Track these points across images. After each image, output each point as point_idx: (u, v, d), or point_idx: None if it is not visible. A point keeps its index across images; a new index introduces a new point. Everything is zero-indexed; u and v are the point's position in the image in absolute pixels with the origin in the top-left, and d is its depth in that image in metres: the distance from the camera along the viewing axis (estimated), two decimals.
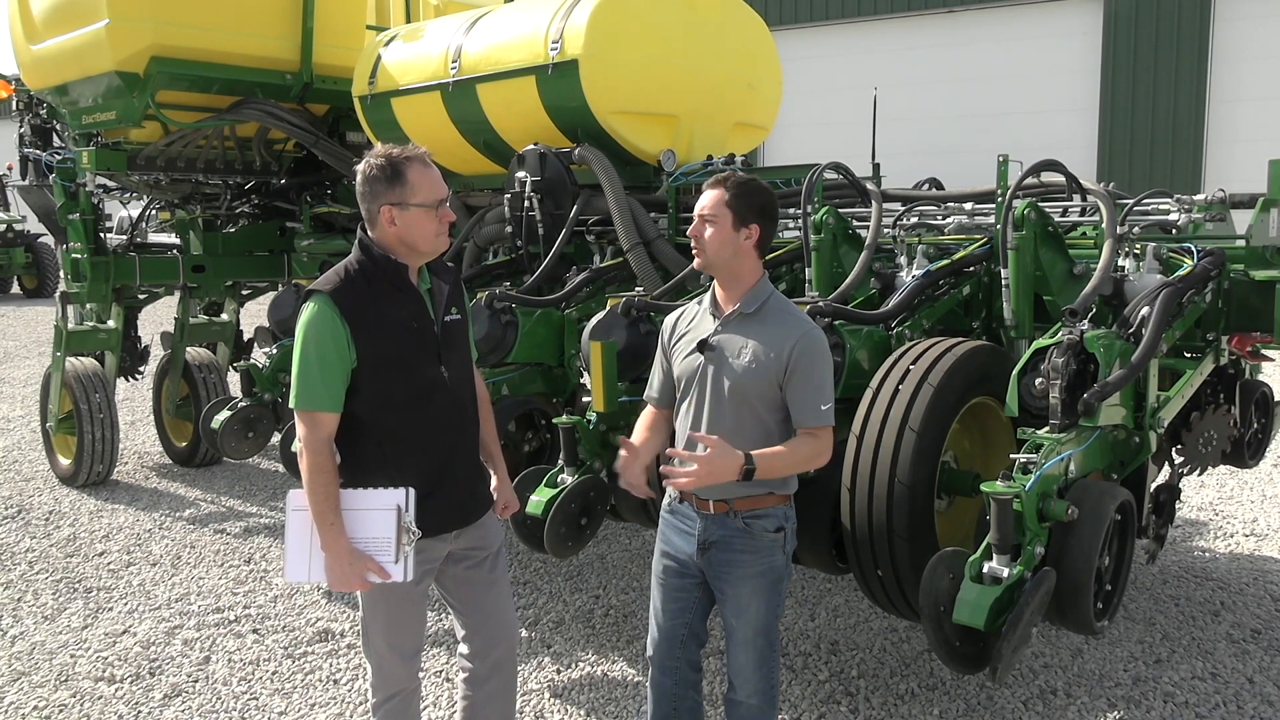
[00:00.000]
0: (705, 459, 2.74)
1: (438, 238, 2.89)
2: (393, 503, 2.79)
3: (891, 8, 18.56)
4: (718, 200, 2.89)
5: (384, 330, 2.84)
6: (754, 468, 2.77)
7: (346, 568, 2.78)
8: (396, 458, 2.87)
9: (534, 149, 5.19)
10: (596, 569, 5.51)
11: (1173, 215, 4.27)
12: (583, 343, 4.32)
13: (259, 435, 5.93)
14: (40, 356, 13.40)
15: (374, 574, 2.80)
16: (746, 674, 3.00)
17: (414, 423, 2.89)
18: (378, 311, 2.84)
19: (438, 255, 2.96)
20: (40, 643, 4.75)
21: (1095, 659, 4.39)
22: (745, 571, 2.95)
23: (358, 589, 2.85)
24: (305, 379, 2.78)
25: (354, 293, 2.83)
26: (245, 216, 8.02)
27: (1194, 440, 4.14)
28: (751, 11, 6.01)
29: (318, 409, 2.78)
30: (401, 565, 2.81)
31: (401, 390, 2.87)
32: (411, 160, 2.83)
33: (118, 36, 6.17)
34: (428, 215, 2.84)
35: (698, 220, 2.93)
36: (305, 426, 2.79)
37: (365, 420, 2.86)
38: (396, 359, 2.85)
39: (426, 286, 2.97)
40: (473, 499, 3.08)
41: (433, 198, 2.85)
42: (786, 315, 2.94)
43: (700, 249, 2.93)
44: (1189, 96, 16.32)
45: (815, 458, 2.90)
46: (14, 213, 21.73)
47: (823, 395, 2.85)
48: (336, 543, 2.78)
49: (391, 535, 2.79)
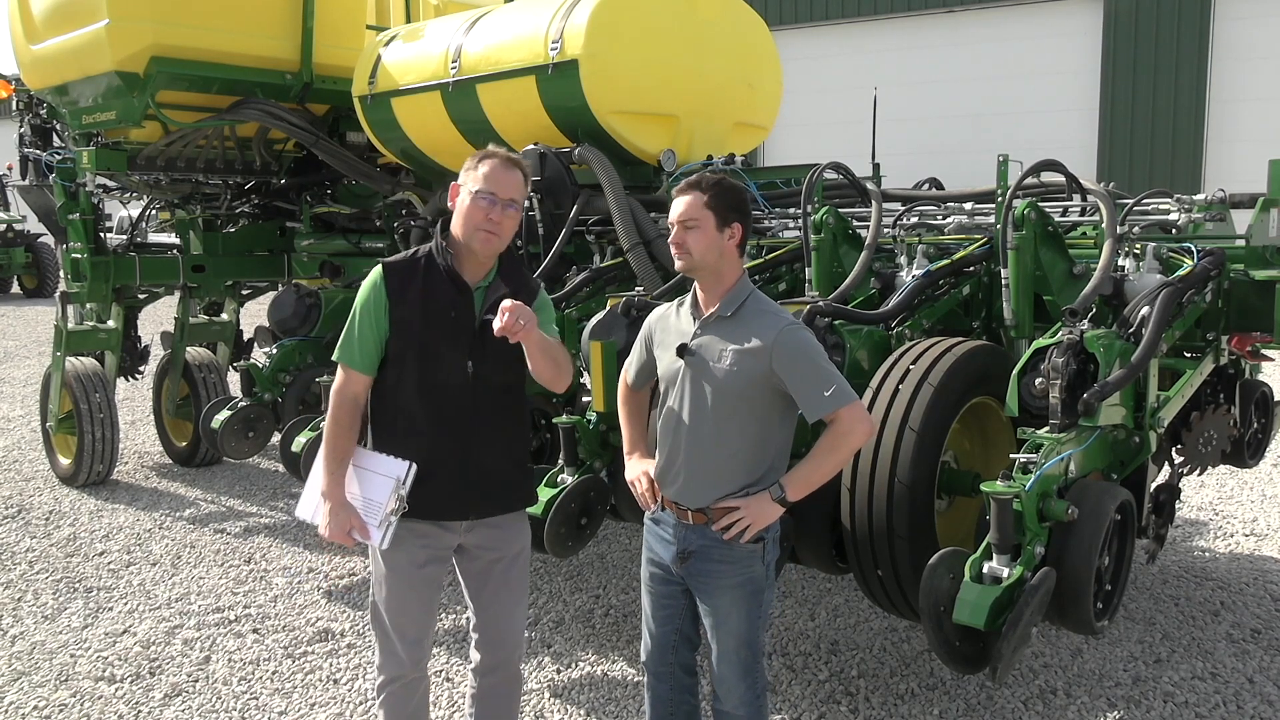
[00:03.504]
0: (746, 510, 2.83)
1: (479, 231, 2.93)
2: (394, 473, 2.95)
3: (891, 8, 18.55)
4: (696, 204, 2.84)
5: (419, 312, 2.96)
6: (784, 494, 2.84)
7: (335, 517, 2.99)
8: (406, 434, 2.99)
9: (534, 149, 5.19)
10: (596, 569, 5.51)
11: (1173, 215, 4.28)
12: (583, 343, 4.32)
13: (259, 435, 5.94)
14: (40, 356, 13.40)
15: (357, 532, 2.99)
16: (730, 685, 2.97)
17: (426, 407, 2.98)
18: (422, 294, 2.97)
19: (486, 254, 3.00)
20: (40, 642, 4.75)
21: (1095, 659, 4.39)
22: (724, 582, 2.92)
23: (342, 541, 3.01)
24: (347, 334, 3.02)
25: (407, 271, 3.01)
26: (245, 216, 8.02)
27: (1194, 440, 4.14)
28: (751, 11, 6.01)
29: (347, 364, 3.01)
30: (382, 532, 2.96)
31: (420, 373, 2.98)
32: (494, 156, 2.98)
33: (118, 36, 6.17)
34: (477, 205, 2.92)
35: (678, 228, 2.86)
36: (338, 377, 3.04)
37: (388, 391, 3.02)
38: (423, 342, 2.97)
39: (485, 284, 3.04)
40: (482, 496, 3.06)
41: (488, 189, 2.91)
42: (763, 315, 2.89)
43: (684, 254, 2.87)
44: (1189, 96, 16.31)
45: (841, 446, 2.84)
46: (14, 213, 21.72)
47: (823, 383, 2.79)
48: (333, 491, 3.00)
49: (384, 501, 2.95)
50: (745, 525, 2.83)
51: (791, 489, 2.84)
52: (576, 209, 5.13)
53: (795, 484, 2.85)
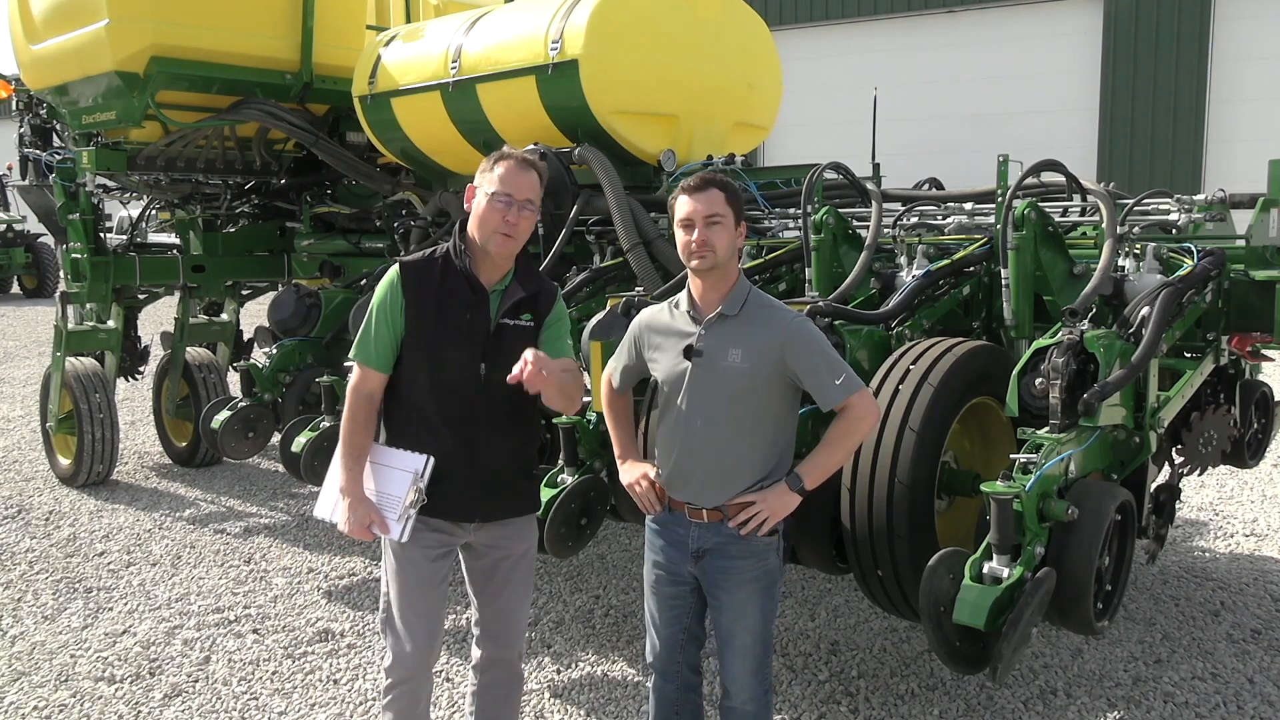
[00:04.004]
0: (763, 504, 2.85)
1: (496, 234, 2.92)
2: (412, 466, 2.97)
3: (891, 8, 18.55)
4: (718, 200, 2.86)
5: (435, 313, 2.97)
6: (803, 485, 2.87)
7: (354, 512, 2.99)
8: (420, 434, 3.01)
9: (534, 149, 5.18)
10: (596, 569, 5.51)
11: (1173, 215, 4.27)
12: (583, 343, 4.32)
13: (259, 435, 5.93)
14: (40, 356, 13.40)
15: (376, 526, 2.99)
16: (743, 681, 2.98)
17: (439, 408, 2.98)
18: (438, 295, 2.98)
19: (503, 255, 2.98)
20: (40, 643, 4.75)
21: (1095, 659, 4.39)
22: (742, 577, 2.94)
23: (362, 536, 3.02)
24: (364, 333, 3.04)
25: (425, 271, 3.01)
26: (245, 216, 8.02)
27: (1194, 440, 4.14)
28: (751, 11, 6.01)
29: (363, 362, 3.03)
30: (401, 525, 2.97)
31: (434, 374, 2.98)
32: (510, 158, 2.98)
33: (118, 36, 6.17)
34: (494, 207, 2.91)
35: (701, 225, 2.84)
36: (355, 375, 3.06)
37: (402, 390, 3.04)
38: (437, 343, 2.97)
39: (502, 287, 3.03)
40: (491, 501, 3.06)
41: (505, 190, 2.91)
42: (768, 311, 2.91)
43: (708, 252, 2.84)
44: (1189, 96, 16.31)
45: (854, 432, 2.90)
46: (14, 213, 21.73)
47: (833, 371, 2.84)
48: (351, 487, 3.01)
49: (402, 495, 2.96)
50: (764, 518, 2.86)
51: (808, 478, 2.89)
52: (576, 209, 5.13)
53: (811, 473, 2.89)
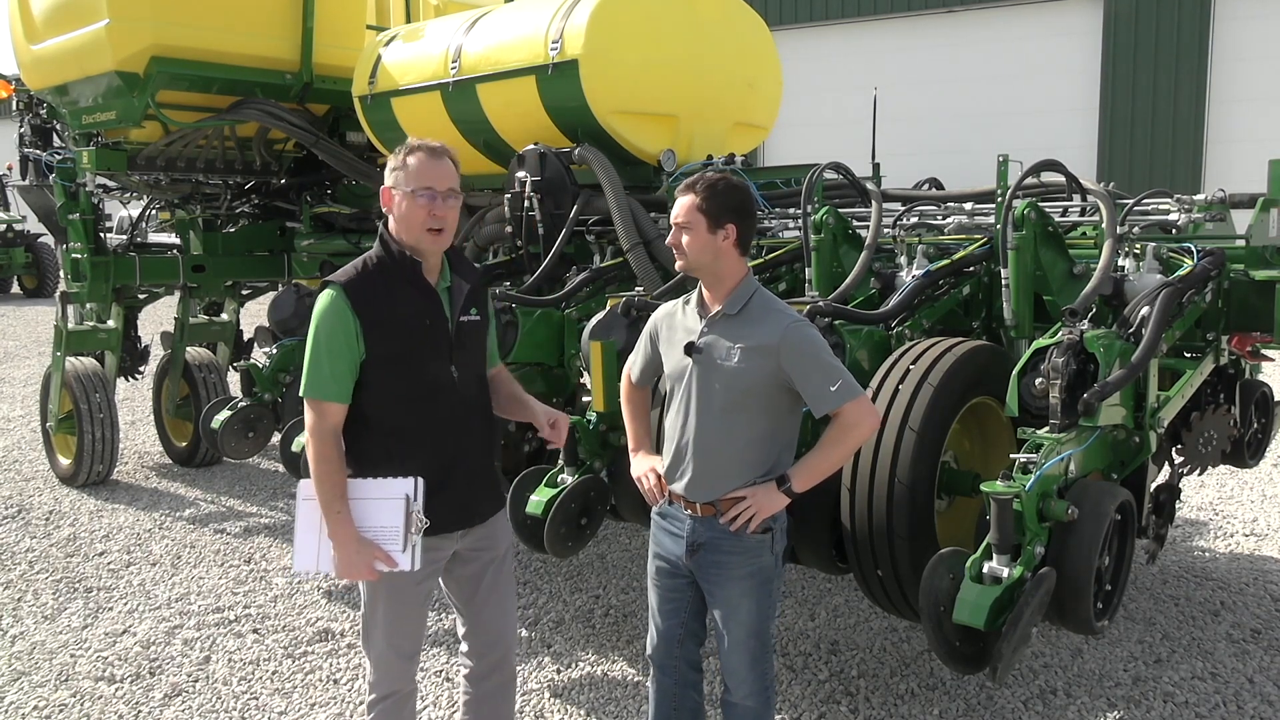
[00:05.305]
0: (752, 499, 2.86)
1: (425, 230, 2.83)
2: (401, 492, 2.80)
3: (891, 8, 18.55)
4: (689, 206, 2.89)
5: (395, 326, 2.84)
6: (790, 485, 2.88)
7: (354, 556, 2.79)
8: (401, 454, 2.87)
9: (534, 149, 5.19)
10: (596, 569, 5.51)
11: (1173, 215, 4.27)
12: (583, 343, 4.32)
13: (259, 435, 5.93)
14: (40, 356, 13.40)
15: (381, 563, 2.81)
16: (741, 675, 3.00)
17: (420, 421, 2.89)
18: (391, 306, 2.84)
19: (435, 251, 2.90)
20: (40, 642, 4.75)
21: (1095, 659, 4.39)
22: (734, 573, 2.95)
23: (365, 578, 2.85)
24: (315, 368, 2.81)
25: (369, 286, 2.84)
26: (245, 216, 8.03)
27: (1194, 440, 4.14)
28: (751, 11, 6.01)
29: (324, 398, 2.81)
30: (409, 554, 2.81)
31: (409, 387, 2.87)
32: (420, 149, 2.85)
33: (118, 36, 6.17)
34: (417, 203, 2.81)
35: (675, 229, 2.93)
36: (312, 415, 2.82)
37: (372, 415, 2.87)
38: (406, 355, 2.86)
39: (446, 284, 2.96)
40: (478, 500, 3.05)
41: (420, 185, 2.81)
42: (769, 313, 2.92)
43: (681, 255, 2.94)
44: (1189, 96, 16.31)
45: (847, 439, 2.90)
46: (14, 213, 21.72)
47: (828, 377, 2.84)
48: (343, 531, 2.79)
49: (399, 524, 2.79)
50: (751, 514, 2.87)
51: (798, 480, 2.89)
52: (576, 209, 5.13)
53: (801, 475, 2.90)
